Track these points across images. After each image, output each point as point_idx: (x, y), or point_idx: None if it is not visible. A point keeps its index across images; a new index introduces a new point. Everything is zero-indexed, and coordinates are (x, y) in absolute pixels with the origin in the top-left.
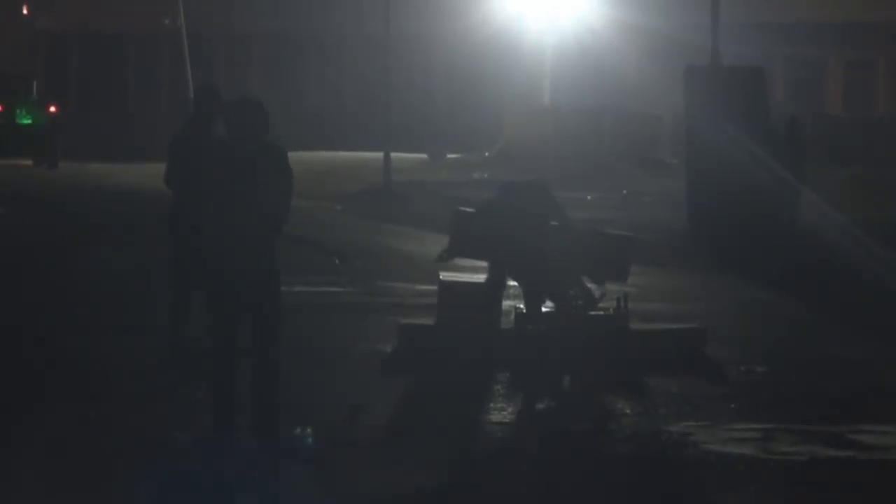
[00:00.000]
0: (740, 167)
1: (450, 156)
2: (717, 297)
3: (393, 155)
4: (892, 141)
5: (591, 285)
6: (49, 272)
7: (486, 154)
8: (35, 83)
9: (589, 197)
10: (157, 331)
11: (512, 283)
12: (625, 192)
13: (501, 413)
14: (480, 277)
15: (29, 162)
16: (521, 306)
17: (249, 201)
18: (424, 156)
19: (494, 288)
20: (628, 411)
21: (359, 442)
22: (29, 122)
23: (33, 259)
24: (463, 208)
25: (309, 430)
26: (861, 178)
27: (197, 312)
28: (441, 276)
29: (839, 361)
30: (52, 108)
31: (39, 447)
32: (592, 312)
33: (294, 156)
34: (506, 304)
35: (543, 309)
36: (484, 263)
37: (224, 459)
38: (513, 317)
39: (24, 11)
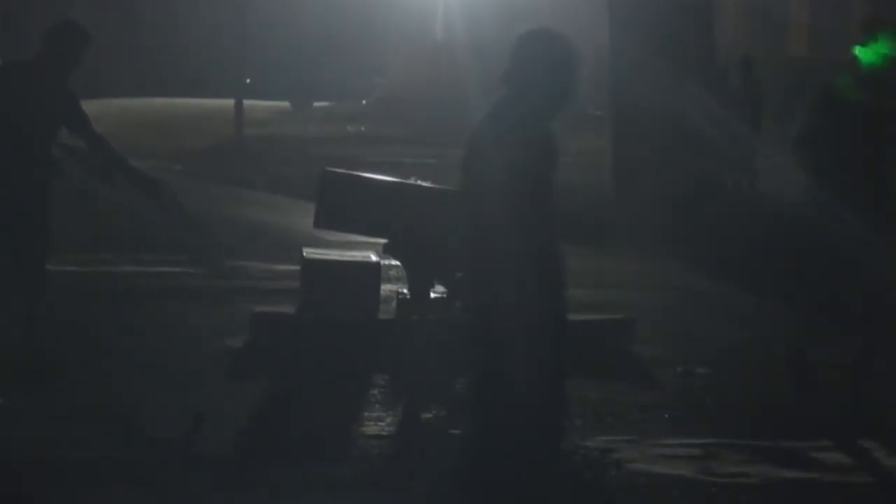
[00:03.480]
0: (680, 121)
1: (318, 104)
2: (649, 284)
3: (248, 103)
4: None
5: None
6: None
7: (364, 102)
8: None
9: None
10: None
11: (394, 262)
12: None
13: (379, 424)
14: (354, 255)
15: None
16: (405, 291)
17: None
18: (287, 104)
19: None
20: None
21: (203, 460)
22: None
23: None
24: (333, 169)
25: None
26: None
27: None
28: (305, 254)
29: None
30: None
31: None
32: None
33: (126, 104)
34: (386, 287)
35: (432, 295)
36: (358, 237)
37: None
38: (394, 304)
39: None
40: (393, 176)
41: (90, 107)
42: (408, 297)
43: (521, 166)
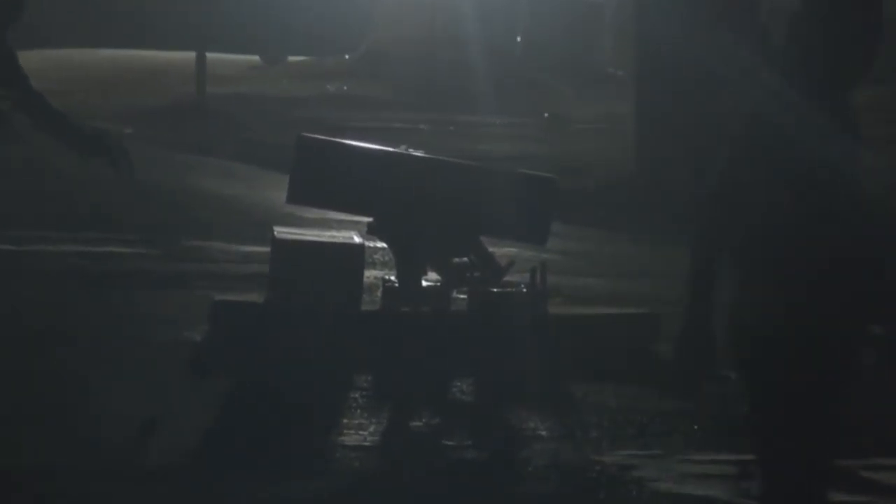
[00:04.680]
0: (717, 83)
1: (293, 58)
2: (675, 272)
3: (212, 57)
4: None
5: (494, 249)
6: None
7: (347, 57)
8: None
9: (497, 122)
10: None
11: (380, 244)
12: (547, 115)
13: (361, 434)
14: (333, 235)
15: None
16: (393, 278)
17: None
18: (257, 58)
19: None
20: (545, 433)
21: (157, 472)
22: None
23: None
24: (310, 134)
25: None
26: (891, 101)
27: None
28: (276, 233)
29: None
30: None
31: None
32: (496, 290)
33: (68, 55)
34: (370, 274)
35: (425, 283)
36: (339, 215)
37: None
38: (380, 293)
39: None
40: (380, 144)
41: (25, 59)
42: (396, 285)
43: None
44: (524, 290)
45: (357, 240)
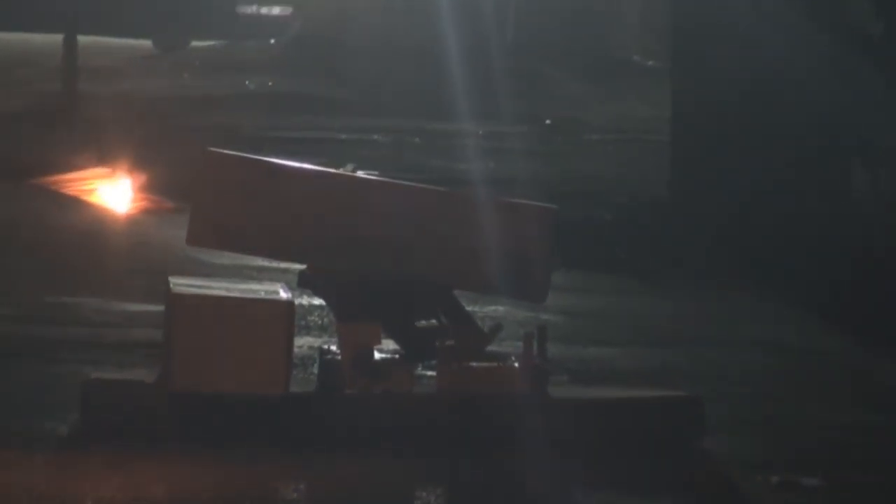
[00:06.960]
0: (779, 82)
1: (197, 44)
2: (720, 336)
3: (87, 41)
4: None
5: (474, 308)
6: None
7: (273, 42)
8: None
9: (480, 132)
10: None
11: (316, 300)
12: (548, 122)
13: None
14: (252, 288)
15: None
16: (333, 348)
17: None
18: (149, 44)
19: None
20: None
21: None
22: None
23: None
24: (219, 150)
25: None
26: None
27: None
28: (172, 286)
29: None
30: None
31: None
32: (476, 364)
33: None
34: (303, 342)
35: (378, 354)
36: (259, 261)
37: None
38: (316, 368)
39: None
40: (317, 162)
41: None
42: (338, 357)
43: None
44: (515, 363)
45: (284, 295)
